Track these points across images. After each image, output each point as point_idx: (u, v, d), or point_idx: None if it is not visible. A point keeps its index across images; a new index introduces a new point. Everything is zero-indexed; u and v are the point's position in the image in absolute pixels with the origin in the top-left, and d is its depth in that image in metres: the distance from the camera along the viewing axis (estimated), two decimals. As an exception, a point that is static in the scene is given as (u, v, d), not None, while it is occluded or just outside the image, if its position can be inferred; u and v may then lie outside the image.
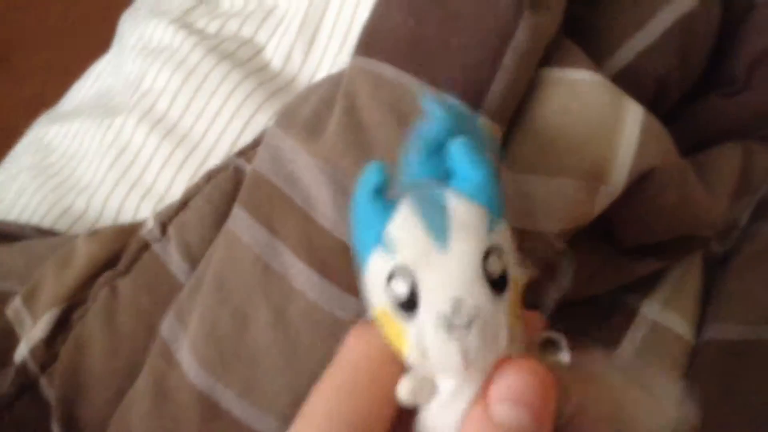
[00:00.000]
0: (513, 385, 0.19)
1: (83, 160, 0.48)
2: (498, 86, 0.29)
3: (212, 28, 0.50)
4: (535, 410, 0.19)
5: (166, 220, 0.35)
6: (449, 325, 0.19)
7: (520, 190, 0.30)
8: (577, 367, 0.21)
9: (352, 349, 0.22)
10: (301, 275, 0.30)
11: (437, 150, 0.21)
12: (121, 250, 0.36)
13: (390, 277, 0.20)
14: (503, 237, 0.20)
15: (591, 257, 0.34)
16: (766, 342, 0.33)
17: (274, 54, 0.48)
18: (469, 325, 0.19)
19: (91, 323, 0.33)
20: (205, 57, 0.47)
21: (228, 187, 0.35)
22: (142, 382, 0.32)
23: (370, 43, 0.31)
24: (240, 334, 0.30)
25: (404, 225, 0.20)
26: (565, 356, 0.21)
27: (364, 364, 0.21)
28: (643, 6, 0.33)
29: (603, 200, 0.30)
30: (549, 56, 0.31)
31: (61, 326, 0.33)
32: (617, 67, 0.33)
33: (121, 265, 0.35)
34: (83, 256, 0.35)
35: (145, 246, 0.35)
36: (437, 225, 0.20)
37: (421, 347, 0.20)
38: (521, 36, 0.29)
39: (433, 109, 0.21)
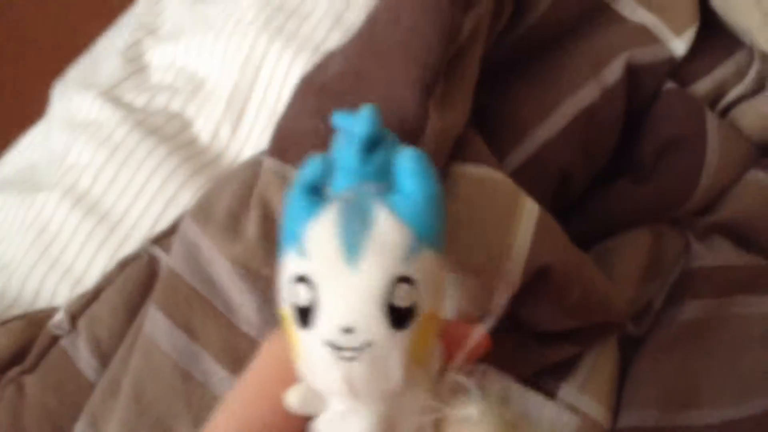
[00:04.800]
0: None
1: (4, 238, 0.47)
2: None
3: (140, 101, 0.50)
4: None
5: (77, 311, 0.34)
6: (337, 348, 0.18)
7: None
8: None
9: (259, 357, 0.22)
10: (223, 384, 0.30)
11: (372, 148, 0.21)
12: (30, 342, 0.35)
13: (295, 281, 0.19)
14: (424, 266, 0.19)
15: (504, 342, 0.34)
16: (681, 428, 0.33)
17: (202, 129, 0.48)
18: (358, 353, 0.18)
19: (-5, 424, 0.32)
20: (131, 132, 0.47)
21: (141, 278, 0.34)
22: None
23: (282, 147, 0.31)
24: None
25: (322, 230, 0.19)
26: (472, 411, 0.20)
27: (264, 373, 0.22)
28: (547, 97, 0.34)
29: (499, 296, 0.30)
30: (455, 149, 0.31)
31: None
32: (523, 157, 0.33)
33: (28, 361, 0.34)
34: (-10, 350, 0.34)
35: (53, 340, 0.34)
36: (354, 238, 0.18)
37: (310, 363, 0.19)
38: (427, 139, 0.29)
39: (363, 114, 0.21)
